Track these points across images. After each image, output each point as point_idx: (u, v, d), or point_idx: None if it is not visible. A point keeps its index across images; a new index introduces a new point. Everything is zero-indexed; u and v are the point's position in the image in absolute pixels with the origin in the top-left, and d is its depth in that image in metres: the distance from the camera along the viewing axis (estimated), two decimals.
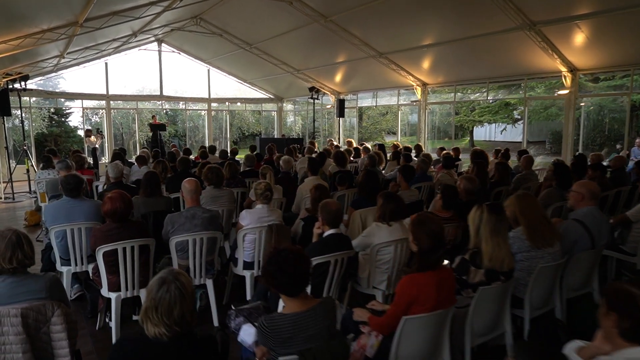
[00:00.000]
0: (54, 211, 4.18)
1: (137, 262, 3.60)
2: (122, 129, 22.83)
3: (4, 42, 7.17)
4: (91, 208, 4.29)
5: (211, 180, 4.96)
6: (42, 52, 10.61)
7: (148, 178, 4.66)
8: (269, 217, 4.14)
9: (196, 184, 3.89)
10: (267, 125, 29.11)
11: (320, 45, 13.00)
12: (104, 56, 15.03)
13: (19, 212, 9.43)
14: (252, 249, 4.12)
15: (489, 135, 30.16)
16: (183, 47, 16.52)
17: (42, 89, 14.94)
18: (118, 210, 3.46)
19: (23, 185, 11.95)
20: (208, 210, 3.92)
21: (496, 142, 27.11)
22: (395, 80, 13.21)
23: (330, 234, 3.36)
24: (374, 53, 11.64)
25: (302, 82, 16.00)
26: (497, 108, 19.71)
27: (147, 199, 4.60)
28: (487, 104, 19.86)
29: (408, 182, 5.29)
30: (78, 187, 4.21)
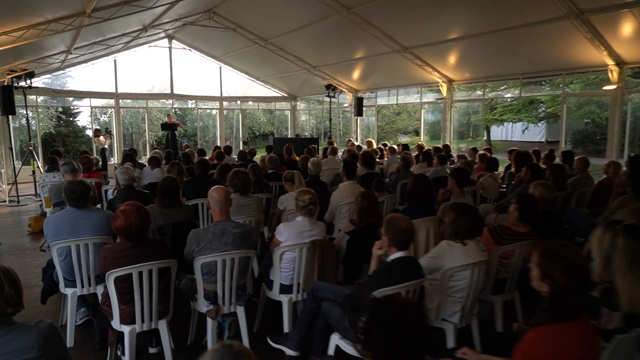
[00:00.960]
0: (57, 224, 3.54)
1: (156, 289, 2.95)
2: (132, 129, 22.30)
3: (5, 33, 6.57)
4: (100, 220, 3.65)
5: (237, 186, 4.30)
6: (48, 47, 10.02)
7: (166, 185, 4.01)
8: (312, 231, 3.47)
9: (226, 193, 3.23)
10: (277, 124, 28.53)
11: (338, 40, 12.32)
12: (113, 53, 14.44)
13: (23, 216, 8.85)
14: (291, 269, 3.45)
15: (505, 135, 29.32)
16: (194, 43, 15.89)
17: (49, 87, 14.38)
18: (133, 227, 2.81)
19: (29, 187, 11.40)
20: (239, 225, 3.26)
21: (513, 142, 26.31)
22: (419, 77, 12.48)
23: (398, 258, 2.68)
24: (398, 47, 10.93)
25: (318, 80, 15.33)
26: (520, 106, 18.87)
27: (164, 210, 3.95)
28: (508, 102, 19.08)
29: (462, 187, 4.59)
30: (84, 195, 3.57)
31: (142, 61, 16.01)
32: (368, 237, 3.81)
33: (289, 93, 18.47)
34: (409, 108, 25.80)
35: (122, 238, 2.87)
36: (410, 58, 11.26)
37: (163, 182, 4.05)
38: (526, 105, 18.73)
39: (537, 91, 16.34)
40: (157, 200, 4.07)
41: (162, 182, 4.05)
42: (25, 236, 7.27)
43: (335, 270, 3.47)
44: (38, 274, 5.35)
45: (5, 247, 6.61)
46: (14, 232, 7.50)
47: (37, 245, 6.64)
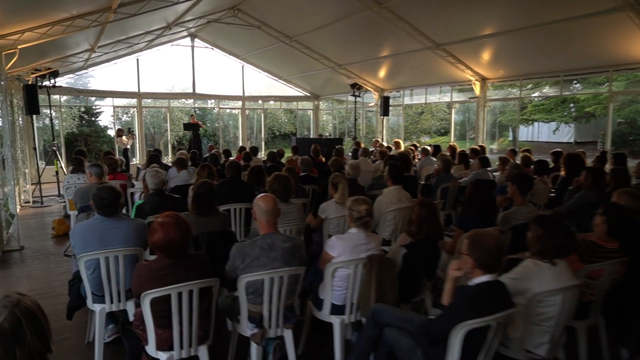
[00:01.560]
0: (84, 234, 3.20)
1: (197, 312, 2.59)
2: (154, 129, 22.21)
3: (30, 29, 6.33)
4: (131, 229, 3.31)
5: (277, 192, 3.92)
6: (71, 45, 9.83)
7: (202, 192, 3.65)
8: (368, 244, 3.07)
9: (275, 202, 2.85)
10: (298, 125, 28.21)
11: (365, 38, 11.91)
12: (136, 52, 14.28)
13: (46, 218, 8.67)
14: (345, 288, 3.05)
15: (531, 135, 28.47)
16: (217, 42, 15.64)
17: (72, 87, 14.28)
18: (173, 242, 2.44)
19: (52, 188, 11.27)
20: (289, 238, 2.87)
21: (539, 143, 25.45)
22: (450, 75, 11.96)
23: (485, 283, 2.26)
24: (430, 44, 10.46)
25: (342, 79, 14.93)
26: (552, 105, 18.11)
27: (199, 218, 3.59)
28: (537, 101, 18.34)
29: (525, 194, 4.13)
30: (114, 203, 3.23)
31: (164, 60, 15.83)
32: (427, 251, 3.41)
33: (311, 92, 18.10)
34: (432, 108, 25.19)
35: (159, 254, 2.51)
36: (443, 55, 10.77)
37: (199, 188, 3.70)
38: (559, 104, 17.96)
39: (568, 90, 15.61)
40: (191, 207, 3.72)
41: (198, 188, 3.69)
42: (49, 239, 7.04)
43: (394, 290, 3.07)
44: (63, 282, 5.08)
45: (29, 251, 6.37)
46: (38, 235, 7.29)
47: (61, 250, 6.39)
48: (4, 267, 5.68)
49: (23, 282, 5.12)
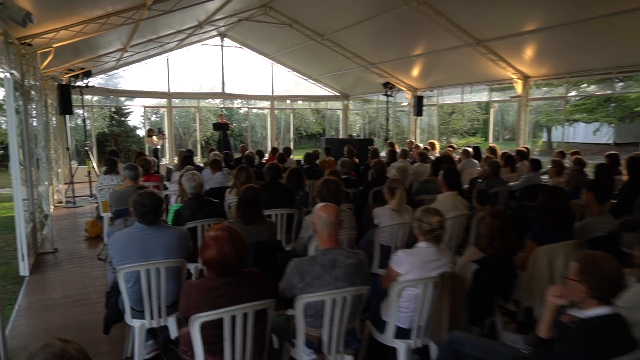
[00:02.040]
0: (124, 244, 2.95)
1: (252, 337, 2.28)
2: (182, 129, 22.26)
3: (64, 27, 6.20)
4: (173, 239, 3.04)
5: (327, 198, 3.59)
6: (104, 44, 9.77)
7: (248, 198, 3.37)
8: (438, 261, 2.71)
9: (338, 213, 2.52)
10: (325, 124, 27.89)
11: (399, 35, 11.50)
12: (166, 51, 14.24)
13: (79, 219, 8.59)
14: (412, 309, 2.70)
15: (566, 136, 27.43)
16: (246, 41, 15.47)
17: (104, 87, 14.33)
18: (227, 259, 2.14)
19: (84, 188, 11.26)
20: (352, 253, 2.53)
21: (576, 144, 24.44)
22: (489, 73, 11.43)
23: (602, 317, 1.87)
24: (470, 41, 9.97)
25: (373, 78, 14.54)
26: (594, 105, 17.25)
27: (246, 227, 3.30)
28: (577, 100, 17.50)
29: (603, 203, 3.68)
30: (156, 210, 2.97)
31: (193, 60, 15.73)
32: (502, 267, 3.02)
33: (340, 92, 17.75)
34: (462, 108, 24.49)
35: (211, 272, 2.21)
36: (483, 52, 10.26)
37: (244, 193, 3.40)
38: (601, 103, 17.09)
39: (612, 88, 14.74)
40: (236, 214, 3.43)
41: (243, 194, 3.40)
42: (81, 242, 6.91)
43: (467, 312, 2.70)
44: (97, 288, 4.90)
45: (63, 253, 6.24)
46: (71, 237, 7.17)
47: (94, 253, 6.24)
48: (38, 270, 5.55)
49: (57, 288, 4.95)
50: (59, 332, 3.90)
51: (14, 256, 6.46)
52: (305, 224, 3.60)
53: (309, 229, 3.57)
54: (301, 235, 3.64)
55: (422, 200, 5.39)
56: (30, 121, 6.45)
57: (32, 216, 6.19)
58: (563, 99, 11.75)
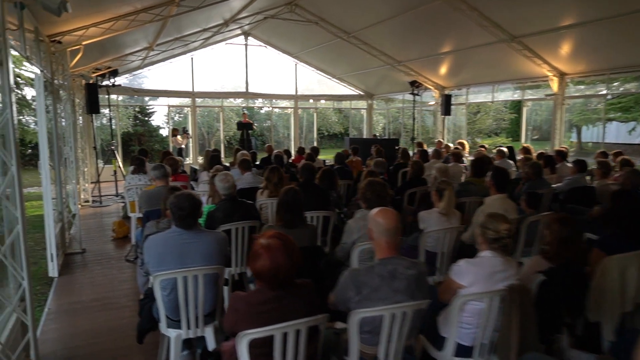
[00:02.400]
0: (161, 249, 2.76)
1: (304, 355, 2.06)
2: (204, 128, 22.29)
3: (94, 24, 6.12)
4: (211, 244, 2.84)
5: (371, 201, 3.35)
6: (130, 43, 9.73)
7: (289, 200, 3.15)
8: (505, 272, 2.45)
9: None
10: (347, 124, 27.61)
11: (428, 33, 11.20)
12: (190, 51, 14.20)
13: (105, 219, 8.54)
14: (476, 325, 2.44)
15: (596, 137, 26.57)
16: (270, 40, 15.34)
17: (129, 86, 14.38)
18: (282, 271, 1.92)
19: (110, 187, 11.27)
20: (412, 263, 2.29)
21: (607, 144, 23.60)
22: (523, 71, 11.00)
23: None
24: (505, 37, 9.58)
25: (398, 76, 14.22)
26: (631, 103, 16.56)
27: (287, 231, 3.08)
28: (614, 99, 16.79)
29: None
30: (194, 213, 2.78)
31: (217, 59, 15.67)
32: (571, 280, 2.73)
33: (365, 91, 17.47)
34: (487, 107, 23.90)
35: (261, 284, 2.00)
36: (518, 49, 9.86)
37: (285, 195, 3.19)
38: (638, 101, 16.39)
39: None
40: (276, 218, 3.22)
41: (284, 196, 3.19)
42: (109, 242, 6.83)
43: (536, 328, 2.42)
44: (126, 291, 4.76)
45: (91, 254, 6.15)
46: (98, 237, 7.10)
47: (121, 254, 6.14)
48: (67, 271, 5.45)
49: (86, 290, 4.83)
50: (88, 337, 3.76)
51: (42, 256, 6.41)
52: (349, 228, 3.36)
53: (352, 234, 3.34)
54: (343, 240, 3.41)
55: (462, 202, 5.10)
56: (59, 120, 6.39)
57: (60, 216, 6.12)
58: (601, 97, 11.20)
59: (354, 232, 3.33)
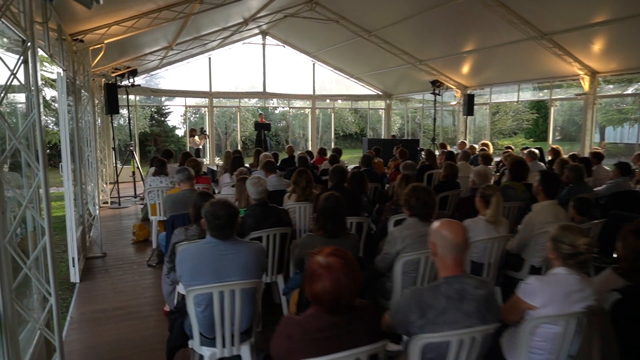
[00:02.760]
0: (195, 262, 2.54)
1: None
2: (220, 128, 22.21)
3: (116, 23, 5.97)
4: (249, 256, 2.62)
5: (416, 208, 3.10)
6: (150, 43, 9.61)
7: (331, 207, 2.92)
8: (582, 292, 2.18)
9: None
10: (362, 124, 27.31)
11: (451, 30, 10.89)
12: (208, 51, 14.09)
13: (125, 221, 8.41)
14: (549, 351, 2.17)
15: (620, 137, 25.89)
16: (288, 39, 15.15)
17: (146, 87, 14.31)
18: (344, 294, 1.68)
19: (128, 188, 11.18)
20: (481, 282, 2.03)
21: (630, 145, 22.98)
22: (551, 69, 10.62)
23: None
24: (535, 34, 9.23)
25: (417, 76, 13.94)
26: None
27: (329, 242, 2.85)
28: None
29: None
30: (232, 222, 2.56)
31: (233, 59, 15.50)
32: None
33: (383, 91, 17.18)
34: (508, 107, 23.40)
35: (318, 308, 1.76)
36: (548, 46, 9.49)
37: (326, 202, 2.95)
38: None
39: None
40: (316, 226, 2.98)
41: (326, 203, 2.95)
42: (129, 245, 6.66)
43: (619, 356, 2.15)
44: (150, 299, 4.58)
45: (112, 258, 5.99)
46: (118, 240, 6.94)
47: (143, 258, 5.97)
48: (88, 276, 5.29)
49: (108, 297, 4.66)
50: (113, 350, 3.58)
51: (62, 259, 6.29)
52: (392, 237, 3.11)
53: (395, 244, 3.09)
54: (385, 250, 3.16)
55: None
56: (81, 121, 6.25)
57: (81, 219, 5.97)
58: (637, 97, 10.76)
59: (398, 241, 3.09)
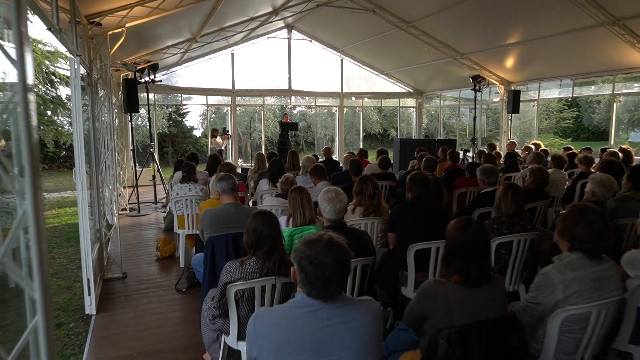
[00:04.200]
0: (282, 334, 1.58)
1: None
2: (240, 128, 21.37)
3: (139, 3, 5.07)
4: (366, 326, 1.64)
5: (585, 241, 2.10)
6: (172, 34, 8.76)
7: (473, 240, 1.93)
8: None
9: None
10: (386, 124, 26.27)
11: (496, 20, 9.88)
12: (230, 45, 13.22)
13: (145, 231, 7.55)
14: None
15: None
16: (315, 33, 14.20)
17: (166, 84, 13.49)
18: None
19: (147, 191, 10.36)
20: None
21: None
22: (618, 61, 9.48)
23: None
24: (605, 19, 8.13)
25: (454, 71, 12.90)
26: None
27: (470, 292, 1.86)
28: None
29: None
30: (342, 274, 1.59)
31: (257, 55, 14.56)
32: None
33: (414, 88, 16.13)
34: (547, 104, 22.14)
35: None
36: (620, 33, 8.36)
37: (463, 233, 1.94)
38: None
39: None
40: (444, 270, 2.00)
41: (462, 235, 1.94)
42: (152, 263, 5.76)
43: None
44: (183, 340, 3.62)
45: (133, 280, 5.08)
46: (139, 256, 6.05)
47: (169, 280, 5.06)
48: (106, 306, 4.39)
49: (132, 337, 3.74)
50: None
51: (77, 276, 5.43)
52: (548, 280, 2.13)
53: (554, 291, 2.10)
54: (535, 298, 2.17)
55: (623, 224, 3.80)
56: (98, 119, 5.38)
57: (97, 234, 5.09)
58: None
59: (558, 288, 2.10)
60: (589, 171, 6.60)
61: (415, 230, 3.51)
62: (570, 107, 21.86)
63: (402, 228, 3.61)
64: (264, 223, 2.51)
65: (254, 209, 3.69)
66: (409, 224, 3.57)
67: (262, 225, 2.51)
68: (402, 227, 3.61)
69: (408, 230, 3.55)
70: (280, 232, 2.60)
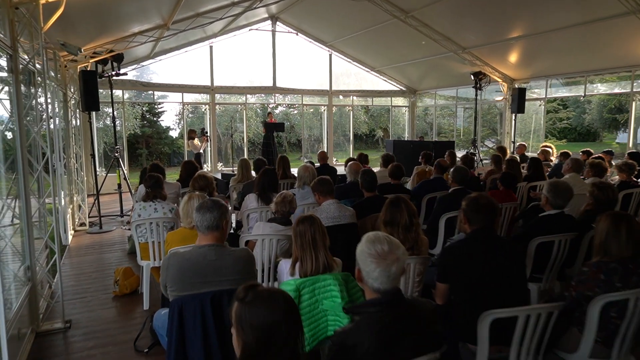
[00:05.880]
0: None
1: None
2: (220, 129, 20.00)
3: None
4: None
5: None
6: (139, 17, 7.47)
7: None
8: None
9: None
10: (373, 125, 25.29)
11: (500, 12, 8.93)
12: (209, 37, 11.95)
13: (106, 253, 6.27)
14: None
15: None
16: (302, 25, 13.04)
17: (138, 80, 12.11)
18: None
19: (113, 200, 9.04)
20: None
21: None
22: (636, 55, 8.64)
23: None
24: (630, 7, 7.21)
25: (452, 67, 11.96)
26: None
27: None
28: None
29: None
30: None
31: (239, 49, 13.27)
32: None
33: (407, 86, 15.12)
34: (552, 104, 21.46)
35: None
36: None
37: None
38: None
39: None
40: None
41: None
42: (108, 303, 4.48)
43: None
44: None
45: (78, 332, 3.82)
46: (93, 292, 4.79)
47: (128, 331, 3.81)
48: None
49: None
50: None
51: None
52: None
53: None
54: None
55: None
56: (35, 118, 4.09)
57: (28, 273, 3.80)
58: None
59: None
60: (631, 180, 5.66)
61: (482, 282, 2.41)
62: (566, 108, 21.22)
63: (459, 279, 2.50)
64: (273, 312, 1.35)
65: (244, 252, 2.50)
66: (472, 273, 2.46)
67: (271, 316, 1.34)
68: (461, 277, 2.49)
69: (470, 282, 2.44)
70: (300, 323, 1.44)
